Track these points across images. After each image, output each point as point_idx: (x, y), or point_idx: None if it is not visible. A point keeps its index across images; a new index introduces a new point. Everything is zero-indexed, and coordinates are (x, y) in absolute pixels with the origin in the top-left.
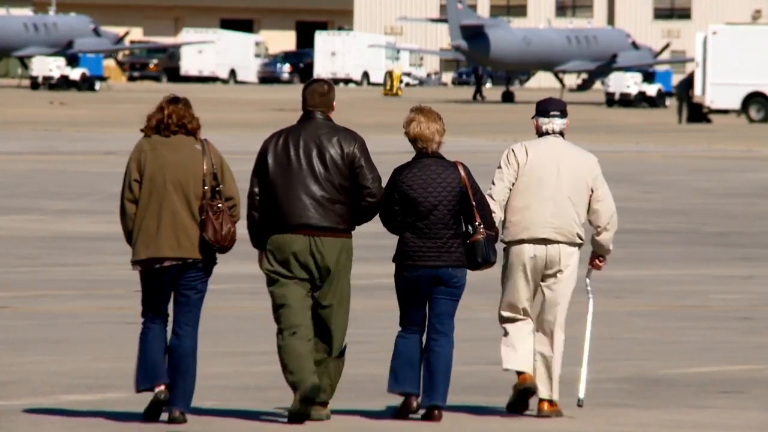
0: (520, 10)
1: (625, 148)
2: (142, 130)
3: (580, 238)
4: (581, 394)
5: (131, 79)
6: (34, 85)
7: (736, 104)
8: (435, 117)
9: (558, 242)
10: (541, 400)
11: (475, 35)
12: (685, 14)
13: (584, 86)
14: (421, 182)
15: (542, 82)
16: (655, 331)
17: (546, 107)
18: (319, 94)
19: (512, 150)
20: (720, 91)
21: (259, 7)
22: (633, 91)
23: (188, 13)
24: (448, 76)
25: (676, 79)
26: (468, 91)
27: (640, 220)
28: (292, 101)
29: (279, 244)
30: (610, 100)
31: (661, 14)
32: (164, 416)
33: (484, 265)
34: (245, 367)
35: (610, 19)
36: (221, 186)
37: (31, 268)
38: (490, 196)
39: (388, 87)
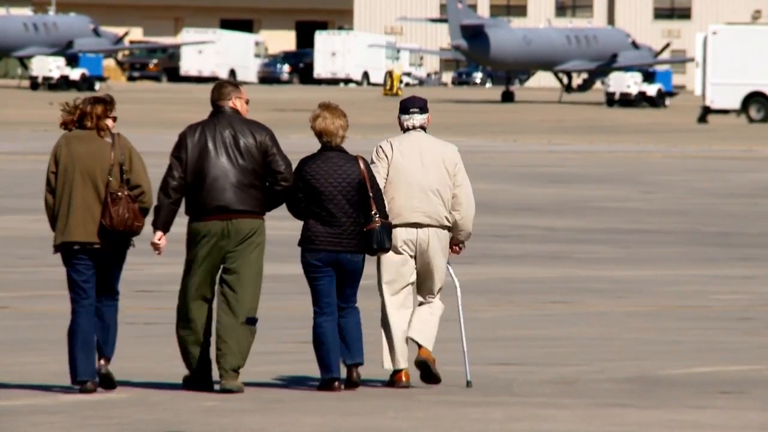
0: (520, 10)
1: (625, 148)
2: (62, 126)
3: (448, 221)
4: (468, 376)
5: (131, 79)
6: (34, 85)
7: (736, 104)
8: (339, 113)
9: (428, 225)
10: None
11: (475, 35)
12: (685, 14)
13: (584, 86)
14: (323, 173)
15: (542, 81)
16: (655, 331)
17: (407, 105)
18: (227, 91)
19: (380, 147)
20: (720, 91)
21: (259, 7)
22: (633, 91)
23: (188, 13)
24: (448, 76)
25: (676, 79)
26: (467, 91)
27: (640, 220)
28: (292, 101)
29: (195, 230)
30: (610, 100)
31: (661, 14)
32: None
33: (379, 250)
34: (245, 367)
35: (610, 19)
36: (129, 175)
37: (31, 268)
38: None
39: (388, 87)
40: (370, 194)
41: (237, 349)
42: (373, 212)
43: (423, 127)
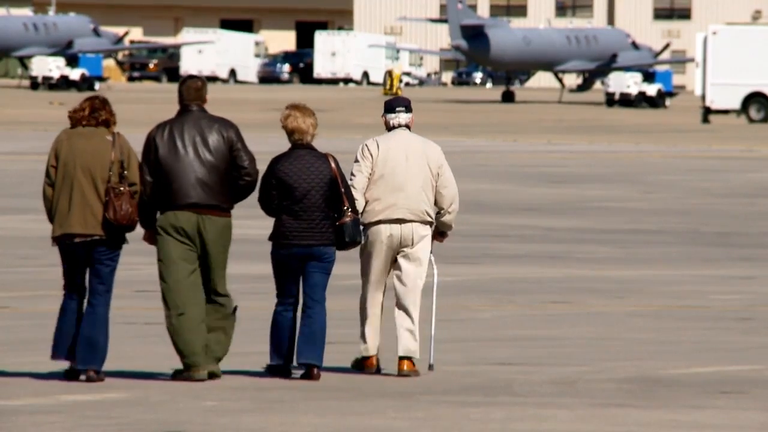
0: (520, 10)
1: (625, 148)
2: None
3: (430, 216)
4: (431, 360)
5: (131, 79)
6: (34, 85)
7: (736, 104)
8: (309, 112)
9: (411, 221)
10: (401, 359)
11: (475, 35)
12: (685, 14)
13: (584, 86)
14: (296, 170)
15: (542, 81)
16: (655, 331)
17: (392, 104)
18: (194, 90)
19: (366, 145)
20: (720, 91)
21: (259, 7)
22: (633, 91)
23: (188, 13)
24: (447, 76)
25: (676, 79)
26: (467, 91)
27: (640, 220)
28: (292, 101)
29: (170, 218)
30: (610, 100)
31: (661, 14)
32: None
33: (351, 244)
34: (245, 367)
35: (610, 19)
36: (127, 172)
37: (31, 268)
38: (353, 186)
39: (387, 87)
40: (342, 190)
41: (225, 339)
42: (345, 207)
43: (408, 126)
